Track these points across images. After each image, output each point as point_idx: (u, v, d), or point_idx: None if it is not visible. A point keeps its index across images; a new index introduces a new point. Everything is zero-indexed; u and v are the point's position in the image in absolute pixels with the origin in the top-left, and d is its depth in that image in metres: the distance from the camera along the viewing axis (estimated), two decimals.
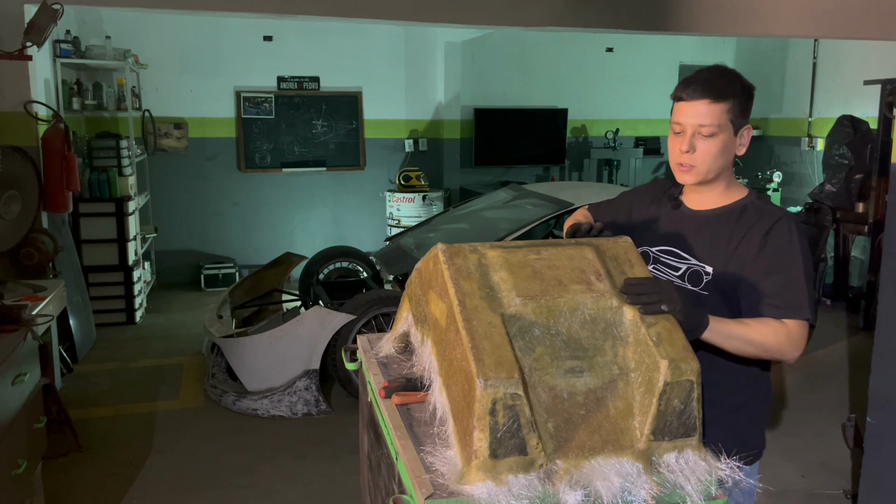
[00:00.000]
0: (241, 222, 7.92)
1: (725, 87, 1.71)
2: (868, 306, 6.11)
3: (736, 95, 1.72)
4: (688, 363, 1.35)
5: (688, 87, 1.72)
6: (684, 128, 1.73)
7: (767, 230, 1.72)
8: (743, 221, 1.76)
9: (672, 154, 1.79)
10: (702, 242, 1.79)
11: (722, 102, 1.70)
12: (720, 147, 1.73)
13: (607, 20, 5.37)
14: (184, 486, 3.59)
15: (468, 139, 8.44)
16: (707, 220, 1.81)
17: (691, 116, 1.71)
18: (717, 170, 1.76)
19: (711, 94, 1.70)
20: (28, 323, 2.93)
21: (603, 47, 8.85)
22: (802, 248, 1.71)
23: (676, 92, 1.76)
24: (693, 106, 1.71)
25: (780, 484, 3.56)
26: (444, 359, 1.45)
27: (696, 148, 1.73)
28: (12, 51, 4.36)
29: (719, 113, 1.70)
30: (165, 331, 6.15)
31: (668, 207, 1.90)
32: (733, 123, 1.73)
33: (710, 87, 1.70)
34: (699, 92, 1.70)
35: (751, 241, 1.72)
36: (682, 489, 1.30)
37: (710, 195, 1.83)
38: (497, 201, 5.68)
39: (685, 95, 1.72)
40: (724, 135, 1.72)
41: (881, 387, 2.41)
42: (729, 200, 1.81)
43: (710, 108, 1.70)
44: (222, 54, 7.54)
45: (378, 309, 4.48)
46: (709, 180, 1.78)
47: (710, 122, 1.70)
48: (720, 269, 1.74)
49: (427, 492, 1.25)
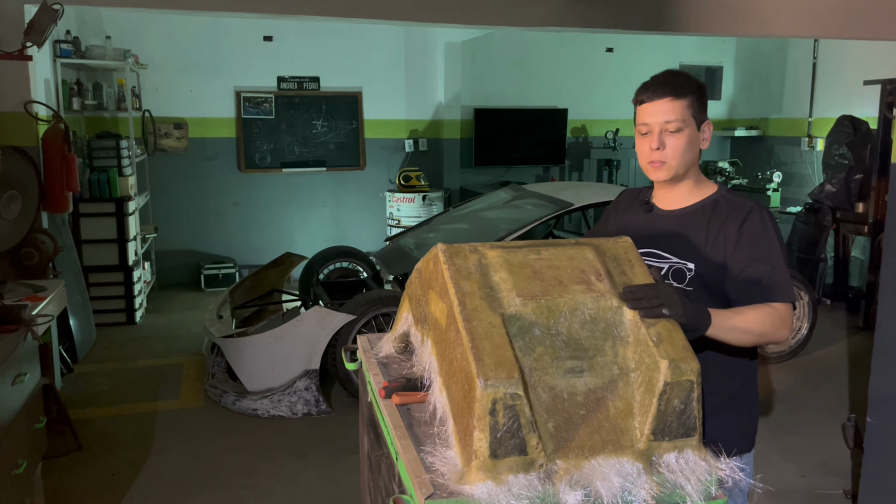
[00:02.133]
0: (241, 222, 7.92)
1: (682, 85, 1.81)
2: (868, 306, 6.11)
3: (693, 92, 1.81)
4: (688, 363, 1.35)
5: (647, 90, 1.81)
6: (651, 127, 1.81)
7: (742, 221, 1.79)
8: (716, 216, 1.83)
9: (642, 154, 1.86)
10: (680, 240, 1.85)
11: (682, 99, 1.79)
12: (687, 141, 1.81)
13: (607, 20, 5.37)
14: (184, 486, 3.59)
15: (468, 139, 8.45)
16: (681, 219, 1.88)
17: (657, 115, 1.80)
18: (687, 164, 1.84)
19: (672, 92, 1.79)
20: (28, 323, 2.93)
21: (603, 47, 8.85)
22: (777, 234, 1.80)
23: (637, 96, 1.84)
24: (657, 105, 1.80)
25: (780, 484, 3.56)
26: (444, 359, 1.45)
27: (665, 144, 1.80)
28: (12, 51, 4.36)
29: (681, 109, 1.79)
30: (165, 331, 6.15)
31: (641, 212, 1.97)
32: (695, 119, 1.82)
33: (668, 86, 1.80)
34: (660, 92, 1.79)
35: (727, 233, 1.79)
36: (682, 489, 1.30)
37: (680, 193, 1.89)
38: (497, 201, 5.68)
39: (647, 97, 1.81)
40: (689, 129, 1.81)
41: (881, 387, 2.42)
42: (699, 197, 1.88)
43: (673, 105, 1.79)
44: (222, 54, 7.54)
45: (378, 309, 4.48)
46: (679, 175, 1.85)
47: (675, 117, 1.79)
48: (701, 264, 1.81)
49: (427, 492, 1.25)
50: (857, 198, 6.46)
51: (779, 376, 5.10)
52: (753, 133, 9.20)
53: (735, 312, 1.67)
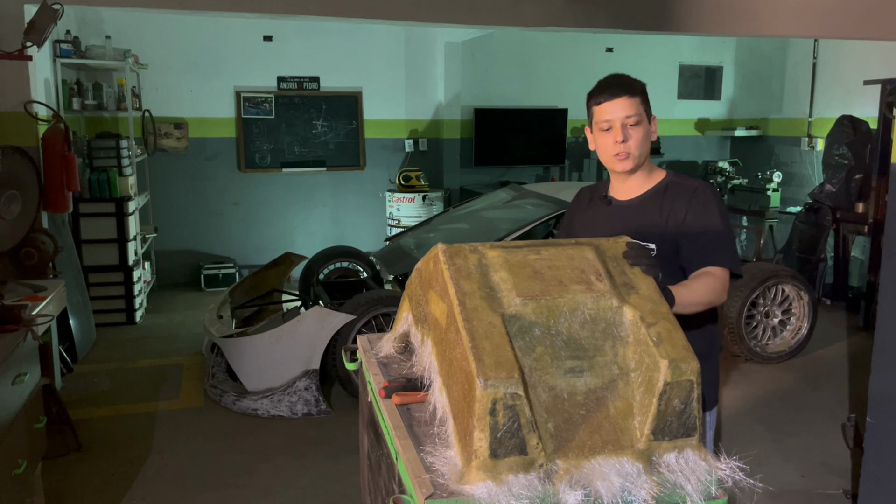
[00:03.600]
0: (241, 222, 7.91)
1: (633, 84, 2.05)
2: (868, 306, 6.11)
3: (641, 91, 2.05)
4: (688, 363, 1.35)
5: (605, 91, 2.03)
6: (613, 122, 2.02)
7: (689, 199, 2.04)
8: (667, 199, 2.07)
9: (606, 149, 2.06)
10: (638, 226, 2.05)
11: (636, 97, 2.03)
12: (644, 134, 2.05)
13: (607, 20, 5.37)
14: (184, 486, 3.59)
15: (468, 139, 8.44)
16: (639, 207, 2.11)
17: (617, 111, 2.01)
18: (644, 155, 2.07)
19: (627, 91, 2.02)
20: (28, 323, 2.93)
21: (603, 47, 8.85)
22: (720, 209, 2.04)
23: (596, 98, 2.05)
24: (616, 103, 2.01)
25: (780, 484, 3.56)
26: (444, 359, 1.45)
27: (629, 136, 2.02)
28: (12, 51, 4.36)
29: (636, 105, 2.02)
30: (165, 331, 6.15)
31: (601, 206, 2.19)
32: (646, 113, 2.05)
33: (622, 86, 2.03)
34: (618, 92, 2.02)
35: (676, 213, 2.04)
36: (682, 489, 1.30)
37: (635, 183, 2.12)
38: (497, 201, 5.68)
39: (605, 98, 2.03)
40: (644, 123, 2.05)
41: (881, 387, 2.42)
42: (652, 184, 2.12)
43: (630, 101, 2.02)
44: (222, 54, 7.54)
45: (378, 309, 4.48)
46: (639, 165, 2.07)
47: (634, 112, 2.01)
48: (660, 244, 2.03)
49: (427, 492, 1.25)
50: (857, 198, 6.46)
51: (779, 376, 5.10)
52: (753, 133, 9.20)
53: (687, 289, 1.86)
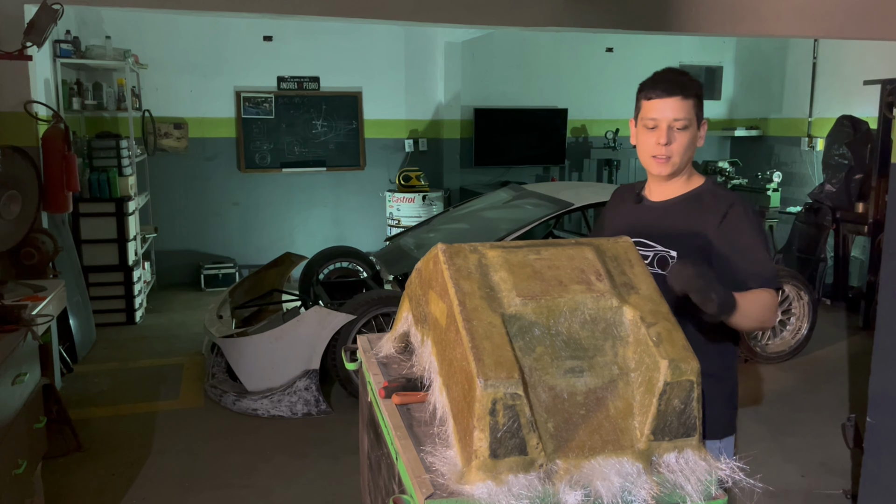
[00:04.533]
0: (241, 222, 7.91)
1: (690, 85, 1.89)
2: (868, 306, 6.11)
3: (697, 93, 1.90)
4: (688, 363, 1.35)
5: (657, 87, 1.88)
6: (659, 122, 1.87)
7: (724, 214, 1.88)
8: (698, 207, 1.93)
9: (646, 148, 1.92)
10: (665, 229, 1.94)
11: (690, 99, 1.87)
12: (690, 139, 1.90)
13: (607, 20, 5.37)
14: (184, 486, 3.59)
15: (468, 139, 8.44)
16: (668, 209, 1.97)
17: (666, 111, 1.86)
18: (686, 161, 1.93)
19: (681, 92, 1.86)
20: (28, 323, 2.93)
21: (603, 47, 8.84)
22: (759, 225, 1.90)
23: (646, 92, 1.90)
24: (667, 102, 1.86)
25: (780, 484, 3.56)
26: (444, 359, 1.45)
27: (673, 140, 1.88)
28: (12, 51, 4.36)
29: (689, 108, 1.87)
30: (165, 331, 6.15)
31: (631, 204, 2.07)
32: (697, 118, 1.90)
33: (678, 85, 1.87)
34: (670, 90, 1.86)
35: (706, 224, 1.89)
36: (682, 489, 1.30)
37: (672, 186, 1.98)
38: (497, 201, 5.68)
39: (656, 94, 1.88)
40: (693, 128, 1.90)
41: (881, 387, 2.42)
42: (687, 189, 1.98)
43: (682, 103, 1.86)
44: (222, 54, 7.54)
45: (378, 309, 4.48)
46: (679, 171, 1.94)
47: (683, 115, 1.86)
48: (682, 251, 1.90)
49: (427, 492, 1.25)
50: (857, 198, 6.46)
51: (779, 376, 5.10)
52: (753, 133, 9.20)
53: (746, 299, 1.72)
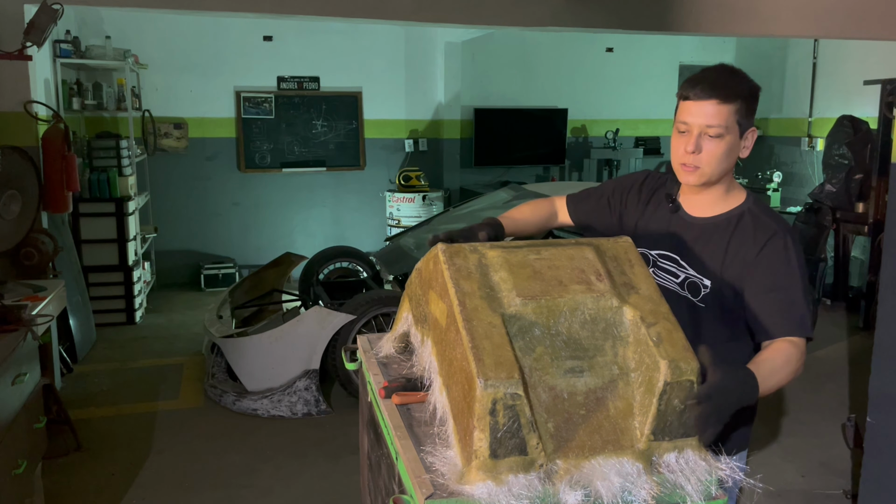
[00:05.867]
0: (241, 222, 7.91)
1: (734, 87, 1.68)
2: (868, 306, 6.11)
3: (744, 97, 1.69)
4: (688, 363, 1.34)
5: (695, 87, 1.69)
6: (690, 127, 1.70)
7: (763, 245, 1.71)
8: (738, 233, 1.75)
9: (676, 153, 1.76)
10: (699, 252, 1.77)
11: (730, 104, 1.67)
12: (726, 149, 1.70)
13: (607, 20, 5.37)
14: (184, 486, 3.59)
15: (468, 139, 8.44)
16: (705, 230, 1.79)
17: (698, 116, 1.68)
18: (721, 172, 1.74)
19: (720, 94, 1.66)
20: (28, 323, 2.93)
21: (603, 47, 8.85)
22: (800, 263, 1.71)
23: (683, 91, 1.72)
24: (701, 106, 1.68)
25: (780, 484, 3.56)
26: (444, 359, 1.45)
27: (702, 148, 1.70)
28: (12, 51, 4.36)
29: (727, 114, 1.67)
30: (165, 331, 6.15)
31: (665, 209, 1.87)
32: (740, 125, 1.70)
33: (718, 87, 1.67)
34: (707, 92, 1.67)
35: (746, 256, 1.72)
36: (682, 489, 1.30)
37: (709, 199, 1.80)
38: (497, 201, 5.67)
39: (693, 95, 1.69)
40: (731, 136, 1.69)
41: (881, 387, 2.41)
42: (727, 207, 1.79)
43: (719, 108, 1.67)
44: (222, 54, 7.54)
45: (378, 309, 4.48)
46: (711, 183, 1.76)
47: (718, 122, 1.67)
48: (716, 282, 1.74)
49: (427, 492, 1.25)
50: (857, 198, 6.46)
51: None
52: None
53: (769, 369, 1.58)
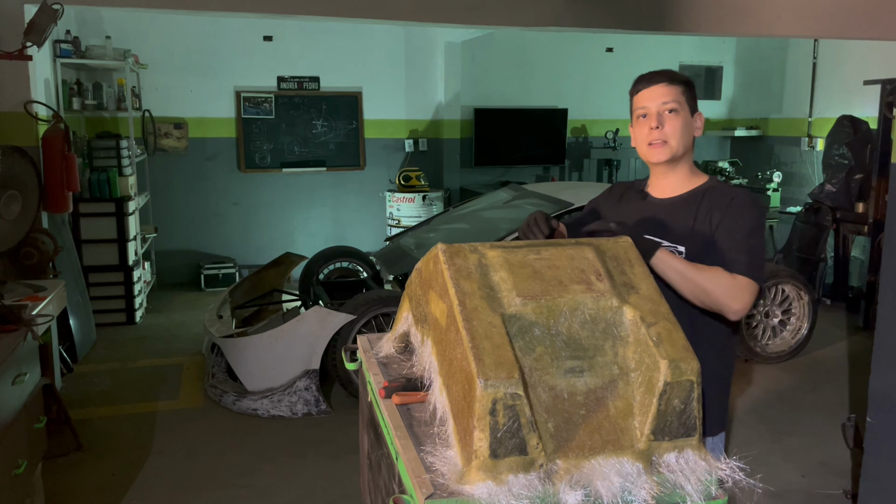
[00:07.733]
0: (241, 222, 7.91)
1: (675, 75, 1.98)
2: (868, 306, 6.11)
3: (685, 82, 1.97)
4: (688, 363, 1.35)
5: (645, 79, 1.97)
6: (649, 109, 1.95)
7: (726, 206, 1.92)
8: (705, 202, 1.95)
9: (640, 137, 1.98)
10: (672, 225, 1.97)
11: (676, 85, 1.95)
12: (683, 123, 1.94)
13: (607, 20, 5.37)
14: (184, 486, 3.59)
15: (468, 139, 8.44)
16: (674, 205, 2.00)
17: (654, 99, 1.94)
18: (684, 147, 1.96)
19: (666, 78, 1.96)
20: (28, 323, 2.93)
21: (603, 47, 8.85)
22: (753, 216, 1.91)
23: (635, 86, 1.99)
24: (653, 90, 1.95)
25: (780, 484, 3.56)
26: (444, 359, 1.45)
27: (664, 123, 1.93)
28: (12, 51, 4.36)
29: (676, 93, 1.94)
30: (165, 331, 6.15)
31: (635, 201, 2.09)
32: (688, 105, 1.96)
33: (663, 74, 1.97)
34: (656, 78, 1.96)
35: (712, 219, 1.92)
36: (682, 489, 1.30)
37: (674, 180, 2.01)
38: (497, 201, 5.68)
39: (644, 84, 1.96)
40: (684, 113, 1.95)
41: (881, 387, 2.42)
42: (692, 186, 2.01)
43: (669, 88, 1.94)
44: (222, 54, 7.54)
45: (378, 309, 4.48)
46: (678, 157, 1.97)
47: (672, 98, 1.93)
48: (690, 247, 1.92)
49: (427, 492, 1.25)
50: (857, 198, 6.46)
51: (779, 376, 5.10)
52: (753, 133, 9.20)
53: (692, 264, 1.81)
